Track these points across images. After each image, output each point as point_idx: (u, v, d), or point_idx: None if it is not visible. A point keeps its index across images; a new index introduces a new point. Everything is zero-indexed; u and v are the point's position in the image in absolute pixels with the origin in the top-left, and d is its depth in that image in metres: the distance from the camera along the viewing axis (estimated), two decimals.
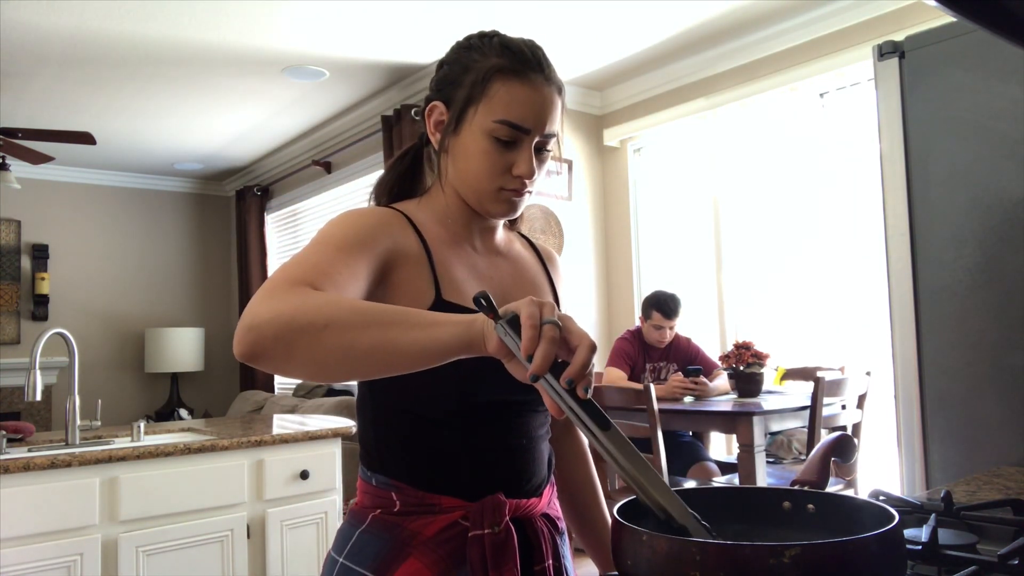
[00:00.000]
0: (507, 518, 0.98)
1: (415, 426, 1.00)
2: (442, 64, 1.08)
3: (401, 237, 1.01)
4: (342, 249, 0.92)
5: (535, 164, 1.01)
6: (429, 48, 3.99)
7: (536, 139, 1.01)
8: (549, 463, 1.10)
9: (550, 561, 1.03)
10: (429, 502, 0.98)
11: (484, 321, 0.76)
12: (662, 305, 3.74)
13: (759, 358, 3.36)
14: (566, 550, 1.09)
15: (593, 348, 0.72)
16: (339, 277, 0.88)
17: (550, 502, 1.09)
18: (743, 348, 3.38)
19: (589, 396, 0.72)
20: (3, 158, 4.41)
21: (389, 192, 1.12)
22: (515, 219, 1.19)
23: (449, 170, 1.06)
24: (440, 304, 0.99)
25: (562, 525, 1.11)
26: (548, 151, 1.04)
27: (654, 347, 3.85)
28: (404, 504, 0.99)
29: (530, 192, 1.04)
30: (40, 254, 6.06)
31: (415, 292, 0.99)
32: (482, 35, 1.05)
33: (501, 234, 1.15)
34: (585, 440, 1.26)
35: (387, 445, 1.02)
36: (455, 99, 1.03)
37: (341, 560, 1.00)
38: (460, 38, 1.08)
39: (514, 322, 0.74)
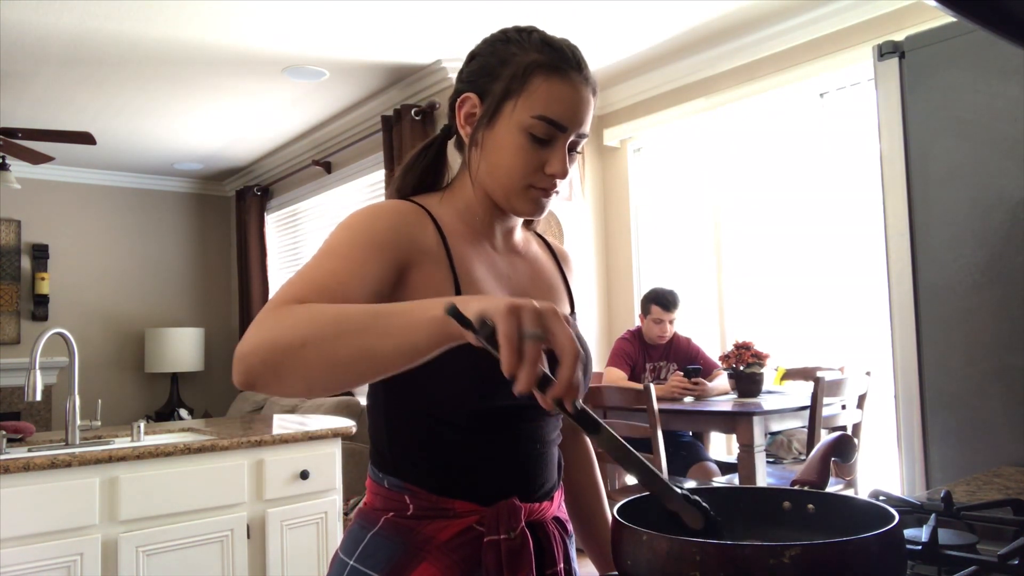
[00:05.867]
0: (523, 523, 0.97)
1: (431, 430, 0.98)
2: (474, 56, 1.06)
3: (419, 234, 0.98)
4: (348, 256, 0.90)
5: (567, 164, 1.00)
6: (429, 48, 3.99)
7: (571, 138, 1.00)
8: (559, 467, 1.09)
9: (561, 565, 1.03)
10: (444, 506, 0.97)
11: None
12: (660, 298, 3.75)
13: (759, 358, 3.36)
14: (573, 552, 1.09)
15: (576, 357, 0.67)
16: (339, 288, 0.86)
17: (559, 505, 1.08)
18: (743, 348, 3.38)
19: (578, 408, 0.70)
20: (3, 158, 4.41)
21: (413, 186, 1.08)
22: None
23: (480, 165, 1.03)
24: None
25: (571, 528, 1.11)
26: (578, 152, 1.03)
27: (654, 347, 3.85)
28: (418, 508, 0.97)
29: (557, 192, 1.02)
30: (40, 254, 6.05)
31: (433, 293, 0.96)
32: (519, 29, 1.03)
33: (519, 234, 1.14)
34: (591, 443, 1.26)
35: (401, 448, 1.00)
36: (491, 92, 1.00)
37: (352, 563, 0.98)
38: (494, 31, 1.06)
39: (494, 337, 0.68)
